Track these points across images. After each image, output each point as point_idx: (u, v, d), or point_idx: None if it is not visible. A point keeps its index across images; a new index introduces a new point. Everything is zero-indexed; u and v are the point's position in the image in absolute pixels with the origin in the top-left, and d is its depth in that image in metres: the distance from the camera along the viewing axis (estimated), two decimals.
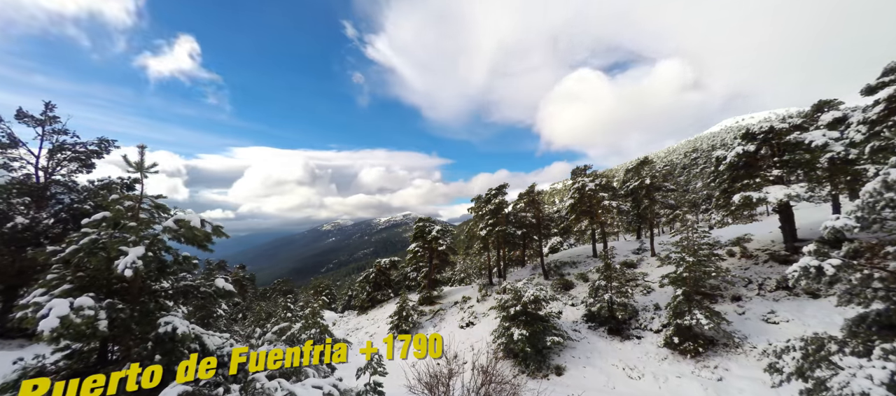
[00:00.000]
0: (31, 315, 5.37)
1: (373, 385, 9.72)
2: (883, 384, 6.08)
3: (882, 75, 15.35)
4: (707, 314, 14.21)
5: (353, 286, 47.48)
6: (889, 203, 6.26)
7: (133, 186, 17.26)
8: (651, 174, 29.45)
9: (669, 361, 14.54)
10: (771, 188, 17.44)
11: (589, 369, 15.28)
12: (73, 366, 6.56)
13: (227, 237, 7.65)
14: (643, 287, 19.34)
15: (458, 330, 22.80)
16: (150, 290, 7.38)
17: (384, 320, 28.55)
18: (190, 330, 6.29)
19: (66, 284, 6.25)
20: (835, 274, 6.84)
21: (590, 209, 28.50)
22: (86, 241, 6.31)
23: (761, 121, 19.57)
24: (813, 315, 14.13)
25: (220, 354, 6.70)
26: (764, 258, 19.39)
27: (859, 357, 7.00)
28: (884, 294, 6.53)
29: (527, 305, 16.40)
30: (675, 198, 37.41)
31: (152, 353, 6.01)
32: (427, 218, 35.50)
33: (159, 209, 7.27)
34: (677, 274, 15.49)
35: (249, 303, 38.90)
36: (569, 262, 31.54)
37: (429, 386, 9.42)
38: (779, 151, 18.29)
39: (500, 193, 31.49)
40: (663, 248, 27.23)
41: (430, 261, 33.54)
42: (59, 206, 17.18)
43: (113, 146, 18.39)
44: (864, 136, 16.03)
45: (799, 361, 7.63)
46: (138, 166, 6.77)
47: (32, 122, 16.41)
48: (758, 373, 12.14)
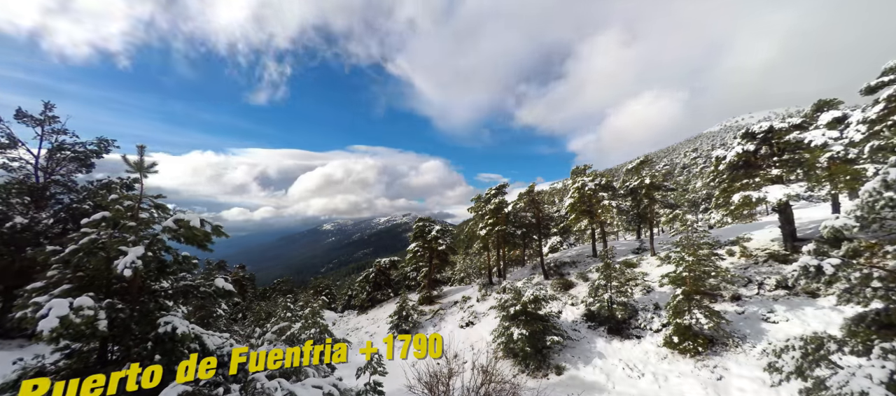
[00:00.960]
0: (31, 315, 5.37)
1: (373, 385, 9.72)
2: (882, 383, 6.09)
3: (882, 75, 15.37)
4: (707, 313, 14.21)
5: (353, 286, 47.47)
6: (889, 202, 6.26)
7: (133, 186, 17.26)
8: (651, 173, 29.47)
9: (669, 360, 14.54)
10: (770, 187, 17.45)
11: (589, 368, 15.28)
12: (72, 366, 6.56)
13: (227, 236, 7.65)
14: (643, 286, 19.36)
15: (458, 330, 22.80)
16: (150, 290, 7.38)
17: (384, 320, 28.56)
18: (190, 330, 6.30)
19: (65, 284, 6.25)
20: (834, 274, 6.85)
21: (590, 208, 28.50)
22: (85, 241, 6.31)
23: (761, 121, 19.57)
24: (812, 314, 14.14)
25: (220, 354, 6.71)
26: (764, 257, 19.39)
27: (858, 357, 7.02)
28: (883, 293, 6.53)
29: (527, 305, 16.40)
30: (675, 197, 37.44)
31: (152, 353, 6.01)
32: (427, 218, 35.46)
33: (159, 209, 7.27)
34: (677, 274, 15.49)
35: (249, 303, 38.89)
36: (569, 262, 31.54)
37: (429, 386, 9.43)
38: (778, 151, 18.30)
39: (500, 193, 31.49)
40: (663, 248, 27.26)
41: (430, 261, 33.54)
42: (59, 206, 17.18)
43: (112, 146, 18.40)
44: (864, 136, 16.06)
45: (798, 360, 7.63)
46: (138, 166, 6.77)
47: (32, 122, 16.40)
48: (757, 372, 12.15)
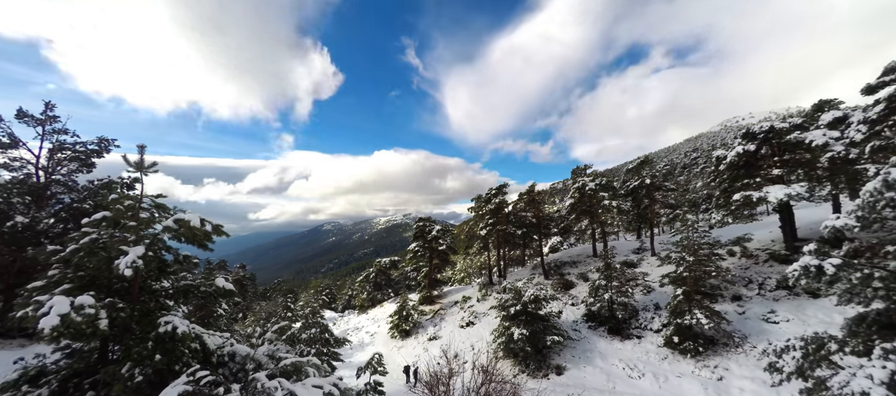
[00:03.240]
0: (32, 313, 5.37)
1: (373, 385, 9.72)
2: (883, 383, 6.07)
3: (882, 75, 15.34)
4: (707, 313, 14.20)
5: (354, 286, 47.46)
6: (889, 202, 6.24)
7: (133, 186, 17.26)
8: (651, 174, 29.44)
9: (669, 360, 14.53)
10: (771, 187, 17.42)
11: (589, 368, 15.27)
12: (73, 366, 6.56)
13: (227, 236, 7.64)
14: (643, 286, 19.33)
15: (459, 330, 22.79)
16: (151, 290, 7.38)
17: (384, 319, 28.55)
18: (190, 330, 6.29)
19: (66, 283, 6.25)
20: (835, 274, 6.83)
21: (590, 208, 28.47)
22: (86, 241, 6.31)
23: (762, 121, 19.54)
24: (813, 314, 14.12)
25: (221, 354, 6.71)
26: (764, 258, 19.37)
27: (859, 357, 7.00)
28: (884, 293, 6.52)
29: (527, 305, 16.39)
30: (675, 197, 37.38)
31: (152, 353, 6.01)
32: (427, 218, 35.43)
33: (159, 209, 7.27)
34: (677, 274, 15.48)
35: (249, 303, 38.89)
36: (569, 262, 31.53)
37: (429, 386, 9.43)
38: (779, 151, 18.27)
39: (501, 193, 31.47)
40: (663, 248, 27.21)
41: (430, 261, 33.52)
42: (60, 206, 17.18)
43: (113, 145, 18.40)
44: (865, 136, 16.03)
45: (799, 360, 7.62)
46: (138, 166, 6.76)
47: (33, 122, 16.41)
48: (758, 373, 12.14)
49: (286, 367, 6.67)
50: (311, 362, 7.00)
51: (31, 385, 6.16)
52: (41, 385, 6.17)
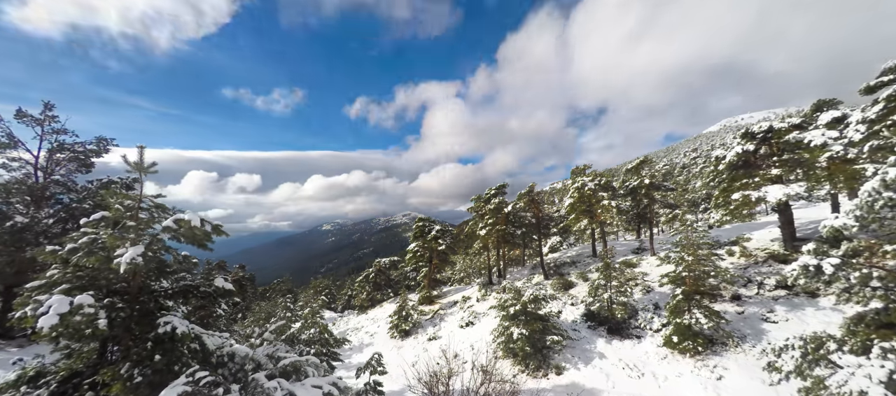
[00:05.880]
0: (31, 312, 5.37)
1: (373, 385, 9.72)
2: (881, 382, 6.09)
3: (881, 75, 15.38)
4: (706, 313, 14.22)
5: (353, 286, 47.46)
6: (888, 202, 6.26)
7: (133, 185, 17.26)
8: (651, 173, 29.49)
9: (669, 360, 14.55)
10: (770, 187, 17.46)
11: (589, 368, 15.29)
12: (72, 366, 6.56)
13: (227, 236, 7.65)
14: (643, 286, 19.37)
15: (458, 330, 22.79)
16: (150, 290, 7.38)
17: (384, 320, 28.56)
18: (189, 330, 6.29)
19: (65, 283, 6.25)
20: (834, 273, 6.85)
21: (589, 208, 28.50)
22: (85, 241, 6.31)
23: (761, 121, 19.58)
24: (812, 314, 14.14)
25: (220, 354, 6.71)
26: (763, 257, 19.40)
27: (858, 356, 7.02)
28: (882, 292, 6.54)
29: (527, 304, 16.40)
30: (675, 197, 37.45)
31: (152, 353, 6.01)
32: (427, 218, 35.40)
33: (159, 208, 7.27)
34: (677, 274, 15.50)
35: (249, 303, 38.89)
36: (569, 262, 31.56)
37: (429, 386, 9.44)
38: (778, 151, 18.31)
39: (500, 193, 31.49)
40: (663, 248, 27.26)
41: (430, 261, 33.52)
42: (59, 206, 17.18)
43: (111, 145, 18.40)
44: (863, 136, 16.07)
45: (798, 360, 7.64)
46: (137, 166, 6.77)
47: (31, 122, 16.40)
48: (757, 372, 12.16)
49: (285, 367, 6.68)
50: (310, 362, 7.01)
51: (30, 386, 6.16)
52: (40, 385, 6.17)
